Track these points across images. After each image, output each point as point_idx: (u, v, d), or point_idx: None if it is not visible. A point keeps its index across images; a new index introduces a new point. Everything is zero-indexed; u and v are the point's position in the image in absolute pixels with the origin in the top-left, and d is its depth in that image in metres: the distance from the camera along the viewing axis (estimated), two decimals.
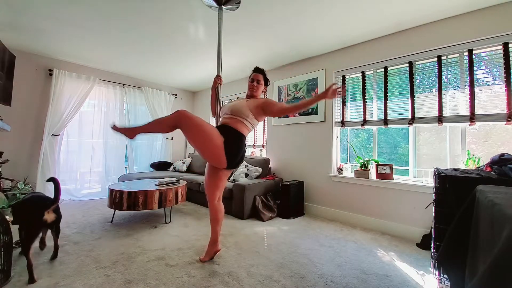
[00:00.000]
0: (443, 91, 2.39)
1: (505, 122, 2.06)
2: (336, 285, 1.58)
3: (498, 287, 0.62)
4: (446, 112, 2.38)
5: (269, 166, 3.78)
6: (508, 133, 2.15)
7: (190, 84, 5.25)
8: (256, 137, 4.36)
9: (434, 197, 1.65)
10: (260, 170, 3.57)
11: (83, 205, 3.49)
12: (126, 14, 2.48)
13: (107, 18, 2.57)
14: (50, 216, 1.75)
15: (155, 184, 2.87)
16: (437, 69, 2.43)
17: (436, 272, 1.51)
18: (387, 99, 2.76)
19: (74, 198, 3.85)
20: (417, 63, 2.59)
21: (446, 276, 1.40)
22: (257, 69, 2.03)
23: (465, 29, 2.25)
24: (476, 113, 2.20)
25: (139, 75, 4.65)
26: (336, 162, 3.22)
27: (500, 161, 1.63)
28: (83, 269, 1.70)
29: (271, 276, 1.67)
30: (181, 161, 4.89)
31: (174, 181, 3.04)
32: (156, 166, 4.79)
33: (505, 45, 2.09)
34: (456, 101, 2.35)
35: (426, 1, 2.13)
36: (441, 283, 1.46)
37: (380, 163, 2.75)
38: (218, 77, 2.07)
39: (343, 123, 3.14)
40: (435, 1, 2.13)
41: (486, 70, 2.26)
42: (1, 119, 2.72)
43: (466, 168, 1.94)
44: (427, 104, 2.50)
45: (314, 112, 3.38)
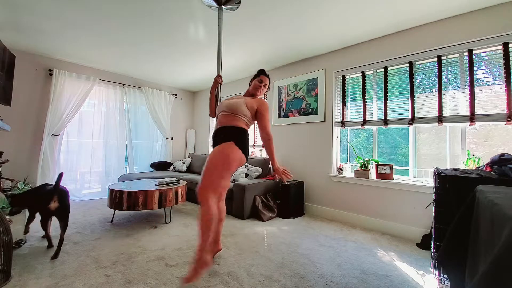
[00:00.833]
0: (443, 91, 2.39)
1: (505, 122, 2.06)
2: (336, 285, 1.58)
3: (498, 287, 0.62)
4: (446, 112, 2.38)
5: (269, 166, 3.78)
6: (508, 133, 2.15)
7: (190, 84, 5.25)
8: (256, 137, 4.36)
9: (434, 197, 1.65)
10: (260, 170, 3.57)
11: (83, 205, 3.49)
12: (126, 14, 2.48)
13: (107, 18, 2.57)
14: (54, 205, 1.89)
15: (155, 184, 2.87)
16: (437, 69, 2.43)
17: (436, 272, 1.51)
18: (387, 99, 2.76)
19: (74, 198, 3.84)
20: (417, 63, 2.59)
21: (446, 276, 1.40)
22: (265, 73, 2.04)
23: (465, 29, 2.25)
24: (476, 113, 2.20)
25: (139, 75, 4.65)
26: (336, 162, 3.22)
27: (500, 161, 1.63)
28: (83, 269, 1.70)
29: (271, 276, 1.67)
30: (181, 161, 4.89)
31: (174, 181, 3.04)
32: (156, 166, 4.79)
33: (505, 45, 2.09)
34: (456, 101, 2.35)
35: (426, 1, 2.13)
36: (441, 283, 1.46)
37: (380, 163, 2.75)
38: (219, 77, 2.07)
39: (343, 123, 3.14)
40: (435, 1, 2.13)
41: (486, 70, 2.26)
42: (1, 119, 2.72)
43: (466, 168, 1.94)
44: (427, 104, 2.50)
45: (314, 112, 3.38)
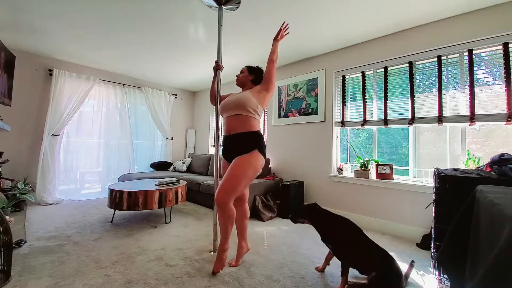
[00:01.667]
0: (443, 91, 2.39)
1: (505, 122, 2.06)
2: (336, 285, 1.58)
3: (498, 287, 0.62)
4: (446, 112, 2.38)
5: (269, 166, 3.78)
6: (508, 133, 2.15)
7: (190, 84, 5.25)
8: None
9: (434, 197, 1.65)
10: (260, 170, 3.56)
11: (83, 205, 3.49)
12: (126, 14, 2.48)
13: (107, 18, 2.57)
14: None
15: (155, 184, 2.87)
16: (437, 69, 2.43)
17: (436, 272, 1.51)
18: (387, 99, 2.76)
19: (74, 198, 3.85)
20: (417, 63, 2.59)
21: (446, 276, 1.40)
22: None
23: (465, 29, 2.25)
24: (476, 113, 2.20)
25: (139, 75, 4.65)
26: (336, 162, 3.22)
27: (500, 161, 1.63)
28: (83, 269, 1.70)
29: (271, 276, 1.67)
30: (181, 161, 4.89)
31: (174, 181, 3.04)
32: (156, 166, 4.79)
33: (505, 45, 2.09)
34: (456, 101, 2.35)
35: (426, 1, 2.13)
36: (441, 283, 1.46)
37: (380, 163, 2.75)
38: (218, 65, 2.06)
39: (343, 123, 3.14)
40: (435, 1, 2.13)
41: (486, 70, 2.26)
42: (1, 119, 2.72)
43: (466, 168, 1.94)
44: (427, 104, 2.50)
45: (314, 112, 3.38)
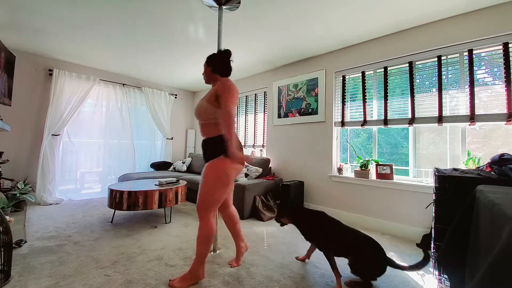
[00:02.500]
0: (443, 91, 2.39)
1: (505, 122, 2.06)
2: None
3: (499, 287, 0.62)
4: (446, 112, 2.38)
5: (269, 166, 3.78)
6: (508, 133, 2.15)
7: (190, 84, 5.25)
8: (256, 137, 4.36)
9: (434, 197, 1.65)
10: (260, 170, 3.57)
11: (83, 205, 3.49)
12: (126, 14, 2.48)
13: (107, 18, 2.57)
14: None
15: (155, 184, 2.87)
16: (437, 69, 2.43)
17: (436, 272, 1.51)
18: (387, 99, 2.76)
19: (74, 198, 3.85)
20: (417, 63, 2.59)
21: (446, 276, 1.40)
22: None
23: (465, 29, 2.25)
24: (476, 113, 2.20)
25: (139, 75, 4.65)
26: (336, 162, 3.22)
27: (500, 161, 1.63)
28: (83, 269, 1.70)
29: (271, 276, 1.67)
30: (181, 161, 4.89)
31: (174, 181, 3.04)
32: (156, 166, 4.79)
33: (505, 45, 2.09)
34: (456, 101, 2.35)
35: (426, 1, 2.13)
36: (441, 283, 1.46)
37: (380, 163, 2.75)
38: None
39: (343, 123, 3.14)
40: (435, 1, 2.13)
41: (486, 70, 2.26)
42: (1, 119, 2.72)
43: (466, 168, 1.94)
44: (427, 104, 2.50)
45: (314, 112, 3.38)
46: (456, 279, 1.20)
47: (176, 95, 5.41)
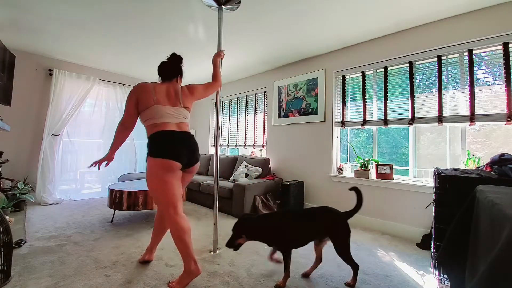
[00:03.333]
0: (443, 91, 2.39)
1: (505, 122, 2.06)
2: (336, 285, 1.58)
3: (499, 287, 0.62)
4: (446, 112, 2.38)
5: (269, 166, 3.78)
6: (508, 133, 2.15)
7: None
8: (256, 137, 4.37)
9: (434, 197, 1.65)
10: (260, 170, 3.57)
11: (83, 205, 3.49)
12: (126, 14, 2.48)
13: (107, 18, 2.57)
14: None
15: None
16: (437, 69, 2.43)
17: (436, 272, 1.51)
18: (387, 99, 2.76)
19: (74, 198, 3.85)
20: (417, 63, 2.59)
21: (446, 276, 1.40)
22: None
23: (465, 29, 2.25)
24: (476, 113, 2.20)
25: (139, 75, 4.65)
26: (336, 162, 3.22)
27: (500, 161, 1.63)
28: (83, 269, 1.70)
29: (271, 276, 1.67)
30: None
31: None
32: None
33: (505, 45, 2.09)
34: (456, 101, 2.35)
35: (426, 1, 2.13)
36: (441, 283, 1.46)
37: (380, 163, 2.75)
38: (221, 52, 2.09)
39: (343, 123, 3.14)
40: (435, 1, 2.13)
41: (486, 70, 2.26)
42: (1, 119, 2.72)
43: (466, 168, 1.94)
44: (427, 104, 2.50)
45: (314, 112, 3.38)
46: (456, 279, 1.20)
47: None
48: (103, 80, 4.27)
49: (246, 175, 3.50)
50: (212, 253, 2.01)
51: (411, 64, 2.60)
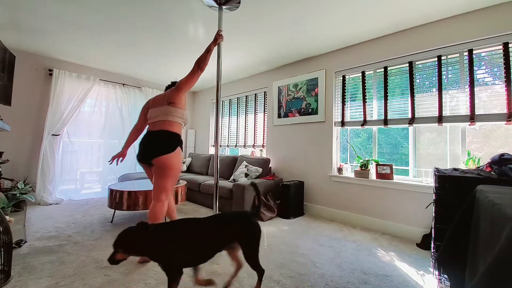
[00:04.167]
0: (443, 91, 2.39)
1: (505, 122, 2.06)
2: (336, 285, 1.58)
3: (499, 287, 0.62)
4: (446, 112, 2.38)
5: (269, 166, 3.78)
6: (508, 133, 2.15)
7: None
8: (256, 137, 4.37)
9: (434, 197, 1.65)
10: (260, 170, 3.57)
11: (83, 205, 3.48)
12: (126, 14, 2.48)
13: (108, 19, 2.57)
14: None
15: None
16: (437, 69, 2.43)
17: (436, 272, 1.52)
18: (387, 99, 2.76)
19: (74, 198, 3.85)
20: (417, 63, 2.59)
21: (446, 276, 1.40)
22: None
23: (465, 29, 2.25)
24: (476, 113, 2.20)
25: (139, 75, 4.65)
26: (336, 162, 3.22)
27: (500, 161, 1.63)
28: (83, 269, 1.70)
29: (271, 276, 1.67)
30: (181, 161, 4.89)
31: None
32: None
33: (505, 45, 2.09)
34: (456, 101, 2.35)
35: (426, 1, 2.13)
36: (441, 283, 1.46)
37: (380, 163, 2.75)
38: (219, 34, 2.06)
39: (343, 123, 3.14)
40: (435, 1, 2.13)
41: (486, 70, 2.26)
42: (1, 119, 2.72)
43: (466, 168, 1.94)
44: (427, 104, 2.50)
45: (314, 112, 3.38)
46: (456, 279, 1.20)
47: None
48: (103, 80, 4.27)
49: (246, 175, 3.50)
50: None
51: (411, 64, 2.59)
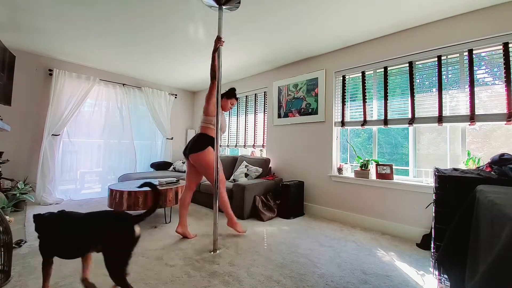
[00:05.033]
0: (443, 91, 2.39)
1: (505, 122, 2.06)
2: (336, 285, 1.58)
3: (499, 287, 0.62)
4: (446, 112, 2.38)
5: (269, 166, 3.78)
6: (508, 133, 2.15)
7: (190, 84, 5.25)
8: (256, 137, 4.36)
9: (434, 197, 1.65)
10: (260, 170, 3.57)
11: (83, 205, 3.48)
12: (126, 14, 2.48)
13: (108, 18, 2.57)
14: None
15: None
16: (437, 69, 2.43)
17: (436, 272, 1.51)
18: (387, 99, 2.76)
19: (74, 198, 3.85)
20: (417, 63, 2.59)
21: (446, 276, 1.40)
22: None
23: (465, 29, 2.25)
24: (476, 113, 2.20)
25: (139, 75, 4.65)
26: (336, 162, 3.22)
27: (500, 161, 1.63)
28: None
29: (271, 276, 1.67)
30: (181, 161, 4.89)
31: (174, 181, 3.04)
32: (156, 166, 4.79)
33: (505, 45, 2.09)
34: (456, 101, 2.35)
35: (426, 1, 2.13)
36: (441, 283, 1.46)
37: (380, 163, 2.75)
38: (219, 39, 2.14)
39: (343, 123, 3.14)
40: (435, 1, 2.13)
41: (486, 70, 2.26)
42: (1, 119, 2.72)
43: (466, 168, 1.94)
44: (427, 104, 2.50)
45: (314, 112, 3.38)
46: (456, 279, 1.20)
47: (176, 95, 5.41)
48: (103, 80, 4.27)
49: (246, 175, 3.50)
50: (212, 253, 2.01)
51: (411, 64, 2.60)
